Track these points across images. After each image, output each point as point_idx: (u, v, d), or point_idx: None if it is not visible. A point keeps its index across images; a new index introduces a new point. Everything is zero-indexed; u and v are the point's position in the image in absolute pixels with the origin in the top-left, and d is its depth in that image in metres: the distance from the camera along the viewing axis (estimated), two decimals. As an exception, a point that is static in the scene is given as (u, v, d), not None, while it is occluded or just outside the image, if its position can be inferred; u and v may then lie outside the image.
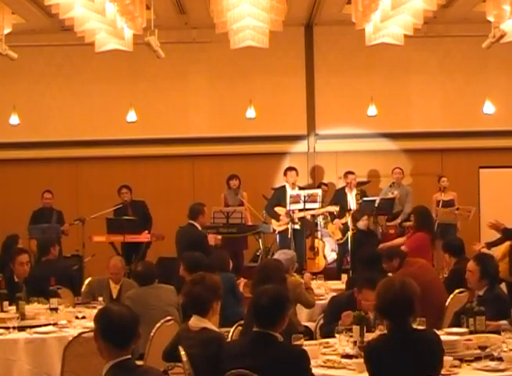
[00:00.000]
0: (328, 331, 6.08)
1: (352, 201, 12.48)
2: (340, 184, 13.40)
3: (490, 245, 10.37)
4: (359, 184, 13.16)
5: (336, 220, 12.34)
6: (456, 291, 7.53)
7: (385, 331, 4.66)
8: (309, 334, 6.62)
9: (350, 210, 12.23)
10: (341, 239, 12.18)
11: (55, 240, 10.01)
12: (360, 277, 6.60)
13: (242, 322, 6.05)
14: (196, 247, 9.61)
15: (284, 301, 4.83)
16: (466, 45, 14.16)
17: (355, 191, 12.58)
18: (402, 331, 4.45)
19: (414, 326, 5.54)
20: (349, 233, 11.83)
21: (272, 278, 6.23)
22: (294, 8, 12.35)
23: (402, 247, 9.66)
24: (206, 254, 9.78)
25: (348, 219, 12.02)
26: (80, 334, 5.98)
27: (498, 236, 10.48)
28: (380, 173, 14.51)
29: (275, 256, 8.30)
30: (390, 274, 7.73)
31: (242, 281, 9.24)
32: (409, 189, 13.34)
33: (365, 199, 12.43)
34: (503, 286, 8.33)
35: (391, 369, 4.37)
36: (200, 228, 10.22)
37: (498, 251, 10.42)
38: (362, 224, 11.38)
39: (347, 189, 12.64)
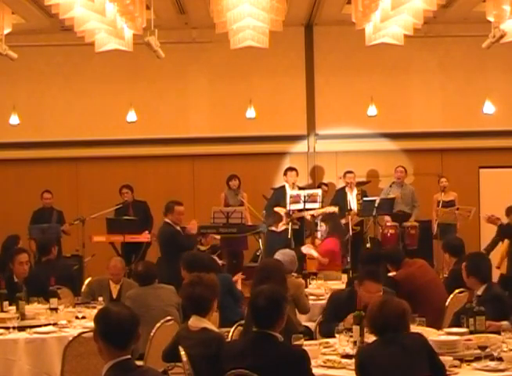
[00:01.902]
0: (327, 330, 6.08)
1: (353, 201, 12.48)
2: (340, 184, 13.39)
3: (488, 251, 10.47)
4: (359, 184, 13.17)
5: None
6: (456, 291, 7.52)
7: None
8: (309, 334, 6.61)
9: (350, 210, 12.24)
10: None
11: (54, 240, 10.01)
12: (361, 270, 6.63)
13: (242, 322, 6.05)
14: (170, 245, 9.69)
15: (281, 300, 4.82)
16: (466, 45, 14.15)
17: (355, 191, 12.57)
18: (389, 337, 4.58)
19: (414, 326, 5.58)
20: (350, 233, 11.91)
21: (271, 278, 6.23)
22: (294, 8, 12.35)
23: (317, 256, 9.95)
24: (182, 249, 9.83)
25: (349, 219, 12.05)
26: (80, 334, 5.98)
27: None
28: (380, 173, 14.51)
29: (275, 257, 8.29)
30: (390, 274, 7.76)
31: (239, 277, 9.23)
32: (412, 188, 13.33)
33: (365, 199, 12.43)
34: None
35: (379, 371, 4.44)
36: (172, 225, 10.12)
37: (499, 253, 10.49)
38: (280, 225, 11.45)
39: (347, 189, 12.64)
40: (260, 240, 12.20)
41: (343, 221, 12.19)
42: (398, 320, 4.59)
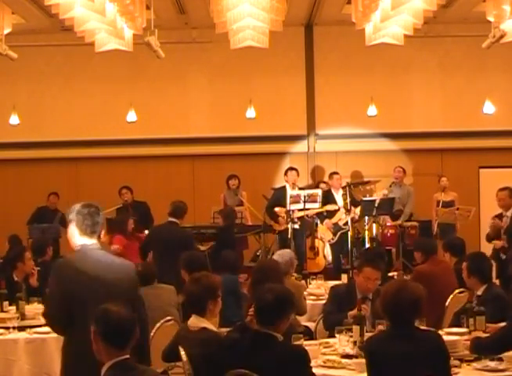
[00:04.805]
0: (334, 321, 6.03)
1: (339, 201, 12.47)
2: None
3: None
4: (359, 184, 13.16)
5: (326, 220, 12.34)
6: (456, 291, 7.51)
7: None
8: (309, 334, 6.62)
9: (338, 210, 12.25)
10: (333, 239, 12.21)
11: (50, 240, 9.97)
12: (361, 258, 6.67)
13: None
14: (186, 248, 9.51)
15: (288, 301, 4.80)
16: (466, 45, 14.15)
17: (341, 191, 12.57)
18: (402, 329, 4.52)
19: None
20: (347, 233, 11.93)
21: (269, 278, 6.23)
22: (294, 8, 12.36)
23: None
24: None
25: (349, 218, 12.04)
26: (80, 334, 5.98)
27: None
28: (380, 173, 14.49)
29: (274, 257, 8.30)
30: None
31: (242, 277, 9.21)
32: (410, 188, 13.35)
33: (365, 199, 12.44)
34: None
35: (390, 364, 4.40)
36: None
37: None
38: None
39: (333, 190, 12.66)
40: (260, 240, 12.21)
41: (333, 221, 12.21)
42: (412, 308, 4.53)
